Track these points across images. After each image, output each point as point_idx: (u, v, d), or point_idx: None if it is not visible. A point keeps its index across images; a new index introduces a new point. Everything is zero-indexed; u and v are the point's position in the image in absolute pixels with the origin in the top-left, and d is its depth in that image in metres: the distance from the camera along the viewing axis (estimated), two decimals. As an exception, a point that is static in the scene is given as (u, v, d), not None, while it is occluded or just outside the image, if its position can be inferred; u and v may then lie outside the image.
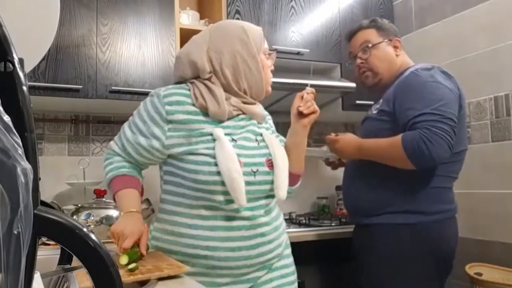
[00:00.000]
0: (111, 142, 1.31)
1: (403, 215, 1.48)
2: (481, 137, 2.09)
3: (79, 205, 1.83)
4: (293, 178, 1.30)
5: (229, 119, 1.20)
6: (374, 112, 1.59)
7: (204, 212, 1.16)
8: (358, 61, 1.67)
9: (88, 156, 2.19)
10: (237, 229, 1.16)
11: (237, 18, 2.17)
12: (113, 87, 1.91)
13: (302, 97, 1.33)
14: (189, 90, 1.21)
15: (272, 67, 1.31)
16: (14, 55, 0.32)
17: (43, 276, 0.58)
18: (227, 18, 2.15)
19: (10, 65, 0.32)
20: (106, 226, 1.76)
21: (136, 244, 1.13)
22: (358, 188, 1.59)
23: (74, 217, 1.74)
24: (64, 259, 0.68)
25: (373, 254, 1.54)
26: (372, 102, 2.32)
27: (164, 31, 2.04)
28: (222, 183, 1.12)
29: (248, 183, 1.14)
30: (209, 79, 1.21)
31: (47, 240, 1.37)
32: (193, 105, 1.18)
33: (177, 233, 1.18)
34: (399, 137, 1.42)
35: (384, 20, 1.71)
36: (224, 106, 1.18)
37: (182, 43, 2.06)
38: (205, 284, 1.11)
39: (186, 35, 2.11)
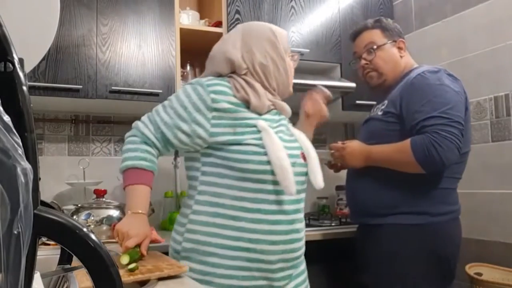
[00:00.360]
0: (139, 123, 1.26)
1: (409, 215, 1.49)
2: (481, 137, 2.09)
3: (79, 205, 1.83)
4: None
5: (265, 112, 1.25)
6: (379, 113, 1.58)
7: (248, 205, 1.16)
8: (363, 62, 1.67)
9: (88, 156, 2.19)
10: (278, 223, 1.18)
11: (237, 18, 2.17)
12: (113, 87, 1.91)
13: (311, 97, 1.44)
14: (229, 82, 1.24)
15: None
16: (14, 55, 0.32)
17: (43, 276, 0.58)
18: (227, 18, 2.15)
19: (10, 65, 0.31)
20: (106, 226, 1.76)
21: (138, 244, 1.13)
22: (363, 189, 1.59)
23: (74, 217, 1.74)
24: (64, 259, 0.68)
25: (378, 254, 1.54)
26: (372, 102, 2.34)
27: (164, 31, 2.04)
28: (271, 173, 1.15)
29: None
30: (245, 74, 1.25)
31: (47, 240, 1.36)
32: (234, 96, 1.21)
33: (219, 224, 1.16)
34: (407, 142, 1.43)
35: (389, 20, 1.71)
36: (265, 99, 1.23)
37: (182, 43, 2.07)
38: (244, 278, 1.14)
39: (186, 35, 2.11)
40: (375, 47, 1.64)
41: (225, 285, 1.14)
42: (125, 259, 1.03)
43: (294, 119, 1.42)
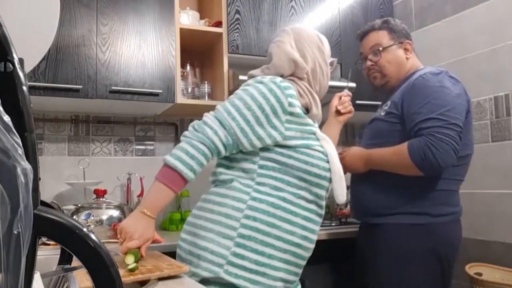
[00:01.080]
0: (205, 127, 1.15)
1: (410, 216, 1.51)
2: (481, 137, 2.09)
3: (79, 205, 1.83)
4: None
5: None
6: (382, 113, 1.61)
7: (303, 203, 1.21)
8: (368, 63, 1.69)
9: (88, 156, 2.19)
10: (317, 224, 1.25)
11: (237, 18, 2.17)
12: (113, 87, 1.91)
13: (340, 98, 1.57)
14: (293, 85, 1.25)
15: None
16: (14, 55, 0.32)
17: (43, 276, 0.58)
18: (227, 18, 2.15)
19: (10, 65, 0.31)
20: (106, 226, 1.76)
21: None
22: (367, 189, 1.61)
23: (74, 217, 1.74)
24: (64, 259, 0.68)
25: (380, 253, 1.55)
26: (372, 102, 2.34)
27: (164, 31, 2.04)
28: (329, 180, 1.23)
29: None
30: (303, 79, 1.29)
31: (47, 240, 1.36)
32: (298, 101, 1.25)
33: (279, 216, 1.16)
34: (405, 145, 1.44)
35: (397, 21, 1.72)
36: (320, 109, 1.31)
37: (182, 43, 2.07)
38: (289, 272, 1.19)
39: (186, 35, 2.11)
40: (380, 48, 1.65)
41: (276, 277, 1.16)
42: (130, 259, 1.03)
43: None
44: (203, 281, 1.13)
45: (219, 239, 1.15)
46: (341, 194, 1.21)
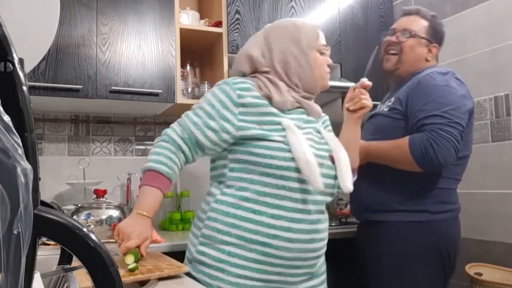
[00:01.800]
0: (168, 129, 1.27)
1: (409, 213, 1.51)
2: (481, 137, 2.09)
3: (79, 205, 1.83)
4: None
5: (291, 111, 1.25)
6: (385, 109, 1.60)
7: (269, 200, 1.18)
8: (393, 38, 1.66)
9: (88, 156, 2.19)
10: (299, 221, 1.18)
11: (237, 18, 2.17)
12: (113, 87, 1.91)
13: (354, 89, 1.44)
14: (253, 81, 1.26)
15: (330, 62, 1.35)
16: (14, 55, 0.32)
17: (43, 276, 0.58)
18: (227, 18, 2.15)
19: (10, 65, 0.31)
20: (106, 226, 1.77)
21: (138, 245, 1.13)
22: (366, 186, 1.59)
23: (74, 217, 1.74)
24: (64, 259, 0.68)
25: (381, 251, 1.55)
26: (374, 102, 2.34)
27: (164, 31, 2.04)
28: (296, 170, 1.16)
29: None
30: (268, 73, 1.28)
31: (47, 240, 1.36)
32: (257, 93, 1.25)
33: (240, 216, 1.18)
34: (405, 140, 1.44)
35: (442, 23, 1.70)
36: (287, 96, 1.24)
37: (182, 43, 2.07)
38: (256, 271, 1.16)
39: (186, 35, 2.11)
40: (412, 33, 1.62)
41: (236, 274, 1.15)
42: (130, 259, 1.03)
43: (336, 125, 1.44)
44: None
45: (191, 239, 1.26)
46: (313, 181, 1.14)
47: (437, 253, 1.49)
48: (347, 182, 1.24)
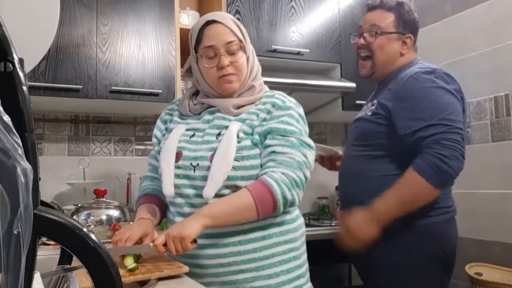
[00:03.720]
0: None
1: (408, 219, 1.40)
2: (481, 137, 2.09)
3: (79, 205, 1.83)
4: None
5: (200, 114, 1.21)
6: (369, 113, 1.50)
7: (172, 209, 1.19)
8: (361, 41, 1.57)
9: (88, 156, 2.19)
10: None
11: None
12: (113, 87, 1.91)
13: None
14: None
15: (226, 62, 1.14)
16: (14, 55, 0.32)
17: (43, 276, 0.58)
18: (227, 18, 2.15)
19: (10, 65, 0.32)
20: (106, 226, 1.76)
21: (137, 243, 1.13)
22: (357, 192, 1.51)
23: (74, 217, 1.74)
24: (64, 259, 0.68)
25: (378, 260, 1.46)
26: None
27: (164, 31, 2.04)
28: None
29: (187, 177, 1.12)
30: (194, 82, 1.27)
31: (47, 240, 1.36)
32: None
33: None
34: (412, 172, 1.31)
35: (412, 9, 1.56)
36: (185, 102, 1.23)
37: (182, 43, 2.07)
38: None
39: (186, 35, 2.10)
40: (379, 31, 1.53)
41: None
42: (129, 261, 1.02)
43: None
44: None
45: None
46: (164, 187, 1.11)
47: (436, 257, 1.42)
48: (208, 189, 1.06)
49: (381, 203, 1.36)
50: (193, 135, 1.16)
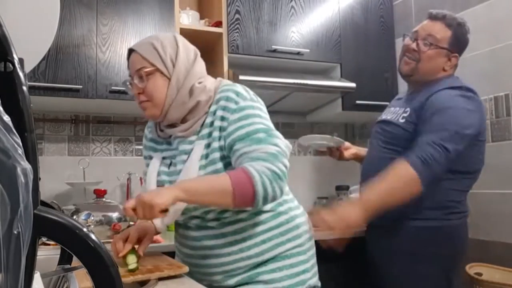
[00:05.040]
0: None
1: (420, 221, 1.50)
2: (481, 137, 2.08)
3: (79, 205, 1.83)
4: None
5: (168, 143, 1.21)
6: (401, 120, 1.56)
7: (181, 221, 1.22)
8: (414, 46, 1.60)
9: (88, 156, 2.19)
10: (185, 246, 1.20)
11: (237, 18, 2.17)
12: (113, 87, 1.91)
13: None
14: None
15: (135, 91, 1.20)
16: (14, 55, 0.32)
17: (43, 276, 0.58)
18: (227, 18, 2.15)
19: (10, 65, 0.32)
20: (106, 226, 1.76)
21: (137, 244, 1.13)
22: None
23: (74, 217, 1.74)
24: (64, 259, 0.68)
25: (389, 253, 1.55)
26: (373, 102, 2.34)
27: (164, 31, 2.04)
28: None
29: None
30: None
31: (47, 240, 1.36)
32: None
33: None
34: (398, 162, 1.41)
35: (467, 31, 1.64)
36: (153, 130, 1.25)
37: (182, 43, 2.07)
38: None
39: (186, 35, 2.11)
40: (434, 43, 1.57)
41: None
42: (131, 259, 1.02)
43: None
44: None
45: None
46: (158, 222, 1.18)
47: (446, 257, 1.50)
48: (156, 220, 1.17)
49: (370, 191, 1.42)
50: (170, 164, 1.18)
